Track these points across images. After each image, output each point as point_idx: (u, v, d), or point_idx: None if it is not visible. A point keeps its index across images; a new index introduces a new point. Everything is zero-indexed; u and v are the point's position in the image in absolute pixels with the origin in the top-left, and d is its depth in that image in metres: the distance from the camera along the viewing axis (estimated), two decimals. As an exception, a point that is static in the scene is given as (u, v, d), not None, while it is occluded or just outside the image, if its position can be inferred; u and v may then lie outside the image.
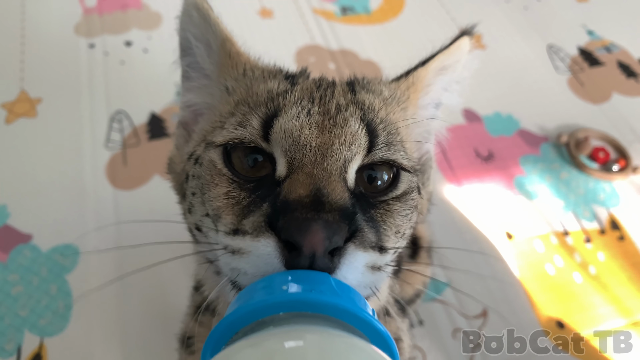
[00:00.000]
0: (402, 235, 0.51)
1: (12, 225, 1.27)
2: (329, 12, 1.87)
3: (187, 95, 0.65)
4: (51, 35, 1.72)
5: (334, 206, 0.42)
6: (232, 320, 0.35)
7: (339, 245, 0.40)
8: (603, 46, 1.83)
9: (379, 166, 0.51)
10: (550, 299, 1.24)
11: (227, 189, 0.48)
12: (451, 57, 0.64)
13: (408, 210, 0.51)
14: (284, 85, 0.55)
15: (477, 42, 1.83)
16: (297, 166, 0.46)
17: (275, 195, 0.44)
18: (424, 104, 0.64)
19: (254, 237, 0.42)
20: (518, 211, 1.39)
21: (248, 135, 0.49)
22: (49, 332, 1.12)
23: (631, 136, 1.56)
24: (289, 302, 0.35)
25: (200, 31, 0.62)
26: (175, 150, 0.66)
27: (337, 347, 0.32)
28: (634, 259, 1.32)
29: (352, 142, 0.48)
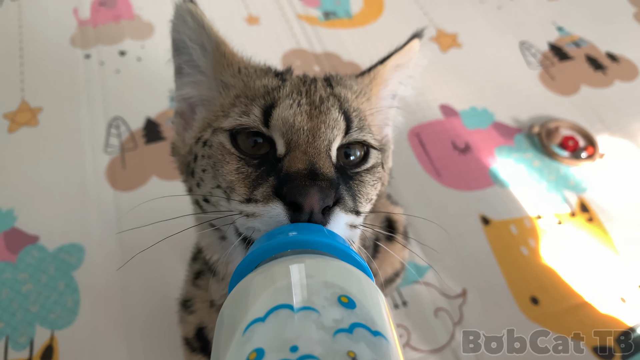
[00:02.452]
0: (369, 201, 0.63)
1: (19, 227, 1.35)
2: (313, 17, 1.97)
3: (184, 89, 0.74)
4: (48, 47, 1.79)
5: (325, 177, 0.53)
6: (251, 258, 0.45)
7: (329, 204, 0.52)
8: (572, 41, 1.94)
9: (354, 145, 0.63)
10: (525, 277, 1.34)
11: (237, 166, 0.59)
12: (404, 56, 0.74)
13: (375, 181, 0.64)
14: (276, 82, 0.66)
15: (453, 41, 1.94)
16: (293, 146, 0.57)
17: (278, 170, 0.56)
18: (383, 95, 0.76)
19: (264, 203, 0.53)
20: (494, 198, 1.48)
21: (251, 122, 0.60)
22: (59, 325, 1.20)
23: (599, 125, 1.67)
24: (294, 242, 0.46)
25: (195, 34, 0.71)
26: (176, 135, 0.76)
27: (330, 266, 0.43)
28: (602, 238, 1.42)
29: (334, 126, 0.60)
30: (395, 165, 1.52)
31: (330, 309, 0.38)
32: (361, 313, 0.38)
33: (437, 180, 1.51)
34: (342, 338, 0.35)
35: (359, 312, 0.38)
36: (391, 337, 0.38)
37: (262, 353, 0.35)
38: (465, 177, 1.52)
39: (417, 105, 1.70)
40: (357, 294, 0.40)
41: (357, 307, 0.39)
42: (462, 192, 1.49)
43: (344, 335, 0.36)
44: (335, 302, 0.38)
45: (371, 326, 0.37)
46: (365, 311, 0.39)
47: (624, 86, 1.80)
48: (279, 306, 0.38)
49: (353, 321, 0.37)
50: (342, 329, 0.36)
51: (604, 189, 1.52)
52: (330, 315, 0.37)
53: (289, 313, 0.37)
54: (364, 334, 0.36)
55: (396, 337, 0.40)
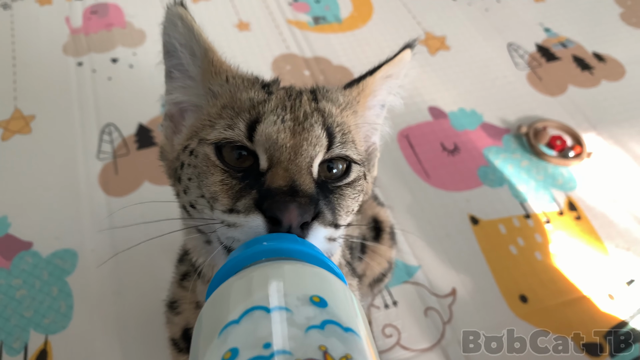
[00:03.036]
0: (350, 213, 0.65)
1: (13, 234, 1.36)
2: (302, 22, 1.99)
3: (173, 93, 0.75)
4: (41, 55, 1.81)
5: (304, 193, 0.55)
6: (228, 267, 0.47)
7: (307, 220, 0.54)
8: (559, 42, 1.97)
9: (336, 160, 0.64)
10: (514, 276, 1.35)
11: (221, 177, 0.61)
12: (395, 67, 0.75)
13: (356, 194, 0.65)
14: (262, 95, 0.67)
15: (442, 44, 1.96)
16: (275, 162, 0.59)
17: (260, 184, 0.57)
18: (371, 105, 0.77)
19: (246, 215, 0.55)
20: (482, 198, 1.50)
21: (236, 136, 0.62)
22: (53, 330, 1.21)
23: (586, 124, 1.69)
24: (268, 250, 0.48)
25: (184, 39, 0.71)
26: (165, 139, 0.77)
27: (302, 270, 0.45)
28: (590, 236, 1.44)
29: (316, 143, 0.61)
30: (384, 167, 1.55)
31: (302, 308, 0.39)
32: (332, 311, 0.40)
33: (426, 181, 1.53)
34: (314, 333, 0.37)
35: (330, 310, 0.40)
36: (362, 333, 0.40)
37: (236, 352, 0.36)
38: (454, 178, 1.54)
39: (406, 107, 1.70)
40: (328, 294, 0.42)
41: (328, 306, 0.40)
42: (451, 193, 1.51)
43: (316, 331, 0.37)
44: (307, 302, 0.40)
45: (342, 323, 0.39)
46: (337, 309, 0.40)
47: (611, 86, 1.82)
48: (252, 308, 0.39)
49: (324, 318, 0.39)
50: (314, 326, 0.38)
51: (591, 188, 1.54)
52: (302, 313, 0.39)
53: (263, 314, 0.39)
54: (335, 329, 0.38)
55: (368, 334, 0.41)
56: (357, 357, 0.37)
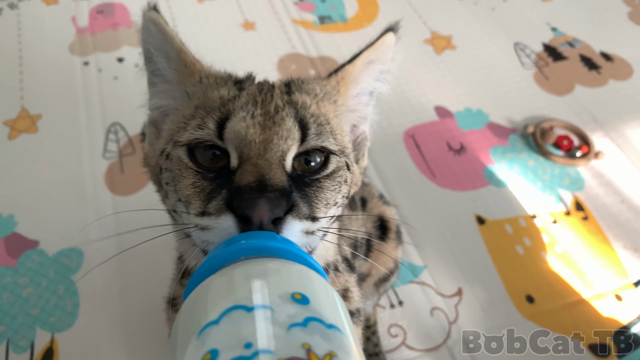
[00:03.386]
0: (332, 205, 0.62)
1: (20, 232, 1.37)
2: (308, 22, 1.99)
3: (154, 99, 0.75)
4: (47, 55, 1.82)
5: (274, 187, 0.53)
6: (205, 268, 0.46)
7: (280, 215, 0.52)
8: (566, 41, 1.95)
9: (313, 152, 0.62)
10: (520, 276, 1.35)
11: (193, 180, 0.59)
12: (377, 52, 0.71)
13: (336, 185, 0.63)
14: (233, 92, 0.65)
15: (448, 43, 1.96)
16: (245, 158, 0.57)
17: (230, 183, 0.56)
18: (355, 93, 0.74)
19: (217, 216, 0.54)
20: (489, 198, 1.50)
21: (206, 135, 0.60)
22: (59, 328, 1.21)
23: (593, 124, 1.68)
24: (246, 248, 0.47)
25: (158, 43, 0.71)
26: (148, 146, 0.76)
27: (283, 267, 0.44)
28: (597, 237, 1.43)
29: (288, 137, 0.59)
30: (390, 167, 1.55)
31: (284, 306, 0.39)
32: (314, 308, 0.39)
33: (432, 180, 1.53)
34: (297, 331, 0.37)
35: (313, 307, 0.39)
36: (346, 330, 0.39)
37: (216, 353, 0.35)
38: (460, 178, 1.53)
39: (412, 107, 1.72)
40: (309, 290, 0.41)
41: (310, 303, 0.40)
42: (457, 193, 1.50)
43: (299, 329, 0.37)
44: (288, 299, 0.39)
45: (325, 320, 0.38)
46: (319, 306, 0.40)
47: (618, 85, 1.81)
48: (232, 308, 0.39)
49: (307, 315, 0.38)
50: (297, 323, 0.37)
51: (598, 188, 1.53)
52: (284, 311, 0.38)
53: (243, 313, 0.38)
54: (318, 326, 0.38)
55: (352, 330, 0.41)
56: (341, 354, 0.36)
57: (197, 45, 2.00)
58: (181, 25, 1.92)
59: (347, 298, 0.74)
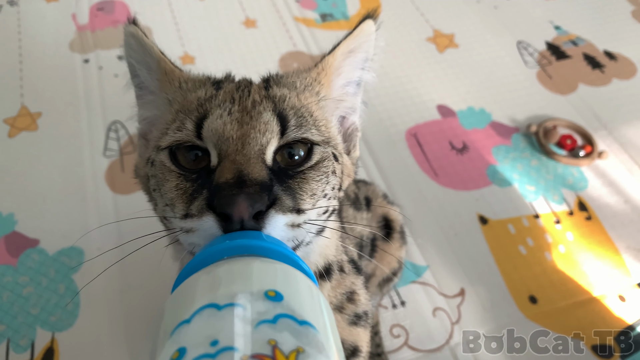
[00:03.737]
0: (320, 197, 0.61)
1: (20, 231, 1.36)
2: (310, 20, 1.98)
3: (141, 111, 0.75)
4: (47, 52, 1.81)
5: (254, 182, 0.52)
6: (188, 268, 0.46)
7: (261, 210, 0.51)
8: (569, 40, 1.94)
9: (295, 144, 0.61)
10: (523, 276, 1.34)
11: (176, 182, 0.59)
12: (356, 40, 0.70)
13: (321, 175, 0.61)
14: (210, 92, 0.65)
15: (450, 42, 1.95)
16: (224, 155, 0.57)
17: (210, 182, 0.55)
18: (339, 84, 0.73)
19: (199, 217, 0.53)
20: (492, 197, 1.49)
21: (185, 136, 0.60)
22: (60, 327, 1.21)
23: (596, 123, 1.67)
24: (230, 248, 0.47)
25: (139, 55, 0.71)
26: (138, 157, 0.76)
27: (256, 265, 0.44)
28: (601, 237, 1.42)
29: (266, 130, 0.58)
30: (392, 165, 1.54)
31: (255, 303, 0.39)
32: (288, 304, 0.39)
33: (435, 180, 1.52)
34: (264, 328, 0.37)
35: (286, 304, 0.39)
36: (323, 327, 0.39)
37: (183, 351, 0.36)
38: (463, 177, 1.53)
39: (414, 105, 1.71)
40: (285, 287, 0.41)
41: (284, 300, 0.40)
42: (459, 192, 1.49)
43: (267, 326, 0.37)
44: (261, 297, 0.40)
45: (297, 316, 0.38)
46: (293, 303, 0.40)
47: (622, 84, 1.80)
48: (203, 307, 0.39)
49: (278, 312, 0.38)
50: (265, 320, 0.37)
51: (602, 188, 1.52)
52: (255, 309, 0.38)
53: (213, 311, 0.38)
54: (289, 323, 0.38)
55: (330, 328, 0.40)
56: (310, 350, 0.36)
57: (199, 43, 2.00)
58: (182, 23, 1.91)
59: (354, 301, 0.73)
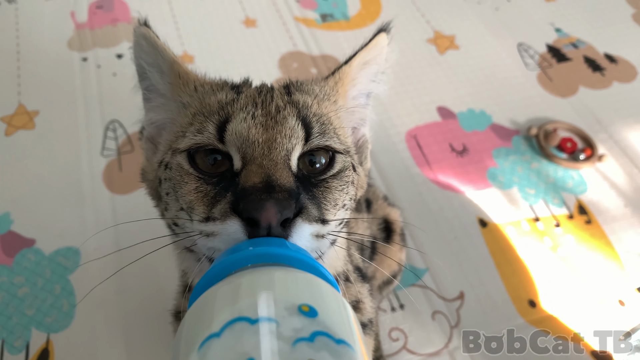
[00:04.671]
0: (340, 207, 0.60)
1: (15, 231, 1.35)
2: (310, 20, 1.97)
3: (149, 114, 0.74)
4: (45, 50, 1.79)
5: (282, 188, 0.51)
6: (211, 275, 0.44)
7: (288, 217, 0.50)
8: (570, 42, 1.94)
9: (317, 151, 0.60)
10: (522, 280, 1.33)
11: (195, 185, 0.58)
12: (371, 52, 0.71)
13: (344, 185, 0.61)
14: (231, 95, 0.65)
15: (451, 43, 1.94)
16: (249, 159, 0.56)
17: (235, 185, 0.54)
18: (353, 95, 0.73)
19: (222, 221, 0.52)
20: (491, 200, 1.48)
21: (206, 139, 0.59)
22: (55, 328, 1.19)
23: (597, 126, 1.66)
24: (253, 256, 0.45)
25: (150, 57, 0.70)
26: (145, 161, 0.75)
27: (290, 277, 0.42)
28: (601, 241, 1.42)
29: (292, 135, 0.58)
30: (392, 167, 1.53)
31: (289, 319, 0.37)
32: (323, 321, 0.37)
33: (435, 182, 1.51)
34: (303, 347, 0.35)
35: (321, 321, 0.37)
36: (357, 346, 0.37)
37: None
38: (463, 179, 1.52)
39: (415, 107, 1.70)
40: (318, 302, 0.39)
41: (319, 316, 0.38)
42: (459, 194, 1.49)
43: (305, 344, 0.35)
44: (295, 312, 0.37)
45: (334, 334, 0.37)
46: (328, 319, 0.38)
47: (623, 87, 1.79)
48: (235, 319, 0.37)
49: (314, 329, 0.36)
50: (303, 338, 0.35)
51: (602, 191, 1.51)
52: (289, 324, 0.36)
53: (246, 325, 0.36)
54: (326, 342, 0.36)
55: (363, 346, 0.39)
56: None
57: (198, 42, 1.98)
58: (182, 22, 1.90)
59: (359, 309, 0.72)
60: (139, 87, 0.74)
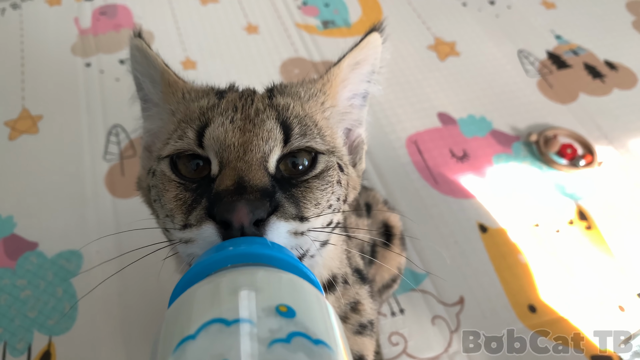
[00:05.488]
0: (325, 207, 0.60)
1: (18, 234, 1.36)
2: (311, 26, 1.98)
3: (146, 124, 0.76)
4: (49, 56, 1.81)
5: (254, 188, 0.52)
6: (190, 275, 0.44)
7: (262, 217, 0.50)
8: (570, 49, 1.95)
9: (299, 153, 0.60)
10: (523, 285, 1.33)
11: (175, 192, 0.58)
12: (362, 52, 0.70)
13: (326, 185, 0.60)
14: (213, 101, 0.65)
15: (451, 49, 1.95)
16: (225, 163, 0.56)
17: (210, 191, 0.54)
18: (347, 96, 0.73)
19: (197, 227, 0.52)
20: (491, 206, 1.49)
21: (186, 145, 0.60)
22: (57, 331, 1.20)
23: (597, 133, 1.67)
24: (235, 255, 0.45)
25: (143, 68, 0.71)
26: (142, 170, 0.76)
27: (267, 276, 0.42)
28: (601, 246, 1.42)
29: (269, 137, 0.58)
30: (392, 172, 1.54)
31: (266, 320, 0.36)
32: (301, 322, 0.37)
33: (435, 187, 1.52)
34: (278, 348, 0.34)
35: (299, 321, 0.37)
36: (337, 347, 0.37)
37: None
38: (463, 185, 1.52)
39: (415, 112, 1.71)
40: (297, 302, 0.39)
41: (296, 316, 0.37)
42: (459, 200, 1.49)
43: (280, 346, 0.35)
44: (272, 312, 0.37)
45: (312, 335, 0.36)
46: (306, 320, 0.37)
47: (623, 94, 1.80)
48: (210, 321, 0.36)
49: (291, 330, 0.36)
50: (279, 339, 0.35)
51: (602, 197, 1.52)
52: (266, 325, 0.36)
53: (221, 327, 0.36)
54: (303, 342, 0.35)
55: (345, 347, 0.39)
56: None
57: (200, 48, 2.00)
58: (184, 28, 1.91)
59: (358, 311, 0.72)
60: (137, 97, 0.75)
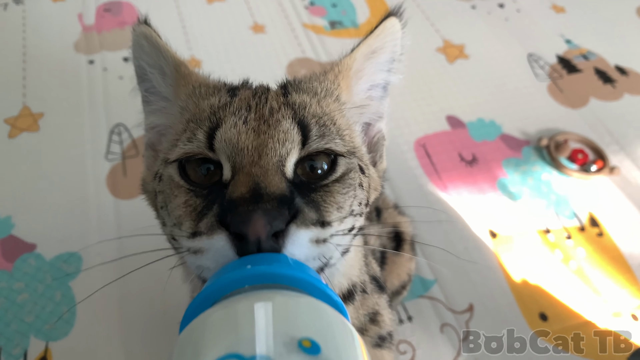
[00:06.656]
0: (347, 212, 0.55)
1: (16, 235, 1.32)
2: (319, 27, 1.96)
3: (150, 118, 0.70)
4: (52, 52, 1.78)
5: (271, 196, 0.47)
6: (203, 298, 0.40)
7: (280, 228, 0.46)
8: (581, 54, 1.92)
9: (317, 155, 0.56)
10: (533, 293, 1.30)
11: (185, 198, 0.54)
12: (378, 39, 0.65)
13: (348, 188, 0.56)
14: (224, 99, 0.60)
15: (460, 52, 1.92)
16: (238, 168, 0.52)
17: (222, 197, 0.50)
18: (362, 88, 0.67)
19: (208, 235, 0.47)
20: (501, 211, 1.45)
21: (196, 148, 0.55)
22: (54, 336, 1.16)
23: (608, 138, 1.64)
24: (253, 276, 0.41)
25: (152, 58, 0.66)
26: (146, 170, 0.71)
27: (302, 307, 0.38)
28: (612, 253, 1.39)
29: (286, 140, 0.53)
30: (401, 176, 1.50)
31: (287, 357, 0.33)
32: (327, 358, 0.34)
33: (444, 191, 1.48)
34: None
35: (324, 357, 0.34)
36: None
37: None
38: (472, 189, 1.49)
39: (424, 115, 1.68)
40: (322, 335, 0.36)
41: (321, 352, 0.34)
42: (468, 205, 1.46)
43: None
44: (294, 348, 0.34)
45: None
46: (333, 355, 0.34)
47: (634, 99, 1.77)
48: (226, 356, 0.33)
49: None
50: None
51: (614, 204, 1.49)
52: None
53: None
54: None
55: None
56: None
57: (206, 47, 1.97)
58: (190, 26, 1.89)
59: (377, 322, 0.68)
60: (138, 89, 0.70)
